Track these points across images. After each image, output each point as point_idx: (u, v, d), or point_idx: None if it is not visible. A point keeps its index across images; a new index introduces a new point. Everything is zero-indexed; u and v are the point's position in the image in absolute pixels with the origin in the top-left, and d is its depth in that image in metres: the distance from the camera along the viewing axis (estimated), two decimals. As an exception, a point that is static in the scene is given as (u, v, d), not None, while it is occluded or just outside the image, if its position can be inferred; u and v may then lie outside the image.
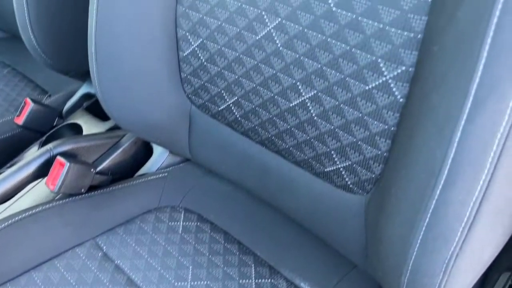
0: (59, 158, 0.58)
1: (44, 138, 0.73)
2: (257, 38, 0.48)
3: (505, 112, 0.28)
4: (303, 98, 0.47)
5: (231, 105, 0.55)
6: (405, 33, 0.36)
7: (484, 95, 0.28)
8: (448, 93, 0.31)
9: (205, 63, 0.54)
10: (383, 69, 0.39)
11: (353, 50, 0.40)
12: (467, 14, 0.29)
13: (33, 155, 0.61)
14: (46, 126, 0.74)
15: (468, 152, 0.29)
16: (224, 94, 0.55)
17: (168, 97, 0.58)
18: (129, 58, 0.55)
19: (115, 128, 0.71)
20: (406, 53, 0.37)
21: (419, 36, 0.36)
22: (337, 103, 0.44)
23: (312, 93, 0.46)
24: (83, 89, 0.78)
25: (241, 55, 0.50)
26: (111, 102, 0.58)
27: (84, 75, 0.76)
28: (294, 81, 0.47)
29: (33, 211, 0.58)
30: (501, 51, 0.27)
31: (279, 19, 0.45)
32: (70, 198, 0.60)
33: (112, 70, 0.56)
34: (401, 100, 0.39)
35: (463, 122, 0.29)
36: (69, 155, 0.62)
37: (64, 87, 0.82)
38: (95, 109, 0.75)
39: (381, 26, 0.38)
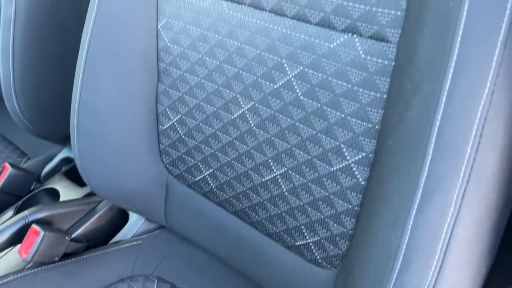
0: (34, 226, 0.59)
1: (20, 202, 0.73)
2: (232, 117, 0.51)
3: (451, 204, 0.31)
4: (274, 174, 0.49)
5: (207, 176, 0.57)
6: (364, 123, 0.40)
7: (432, 188, 0.31)
8: (401, 184, 0.34)
9: (183, 136, 0.57)
10: (346, 153, 0.42)
11: (318, 134, 0.44)
12: (415, 115, 0.33)
13: (8, 222, 0.61)
14: (23, 191, 0.74)
15: (420, 240, 0.32)
16: (200, 166, 0.57)
17: (146, 167, 0.60)
18: (110, 130, 0.57)
19: (92, 194, 0.72)
20: (366, 141, 0.40)
21: (376, 126, 0.40)
22: (305, 181, 0.47)
23: (283, 170, 0.48)
24: (63, 154, 0.80)
25: (217, 132, 0.53)
26: (90, 171, 0.59)
27: (64, 140, 0.78)
28: (266, 158, 0.50)
29: (3, 280, 0.57)
30: (445, 152, 0.31)
31: (253, 103, 0.49)
32: (43, 267, 0.60)
33: (92, 141, 0.58)
34: (362, 182, 0.42)
35: (414, 212, 0.32)
36: (44, 223, 0.62)
37: (44, 150, 0.83)
38: (73, 174, 0.76)
39: (343, 115, 0.41)
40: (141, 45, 0.54)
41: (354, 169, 0.42)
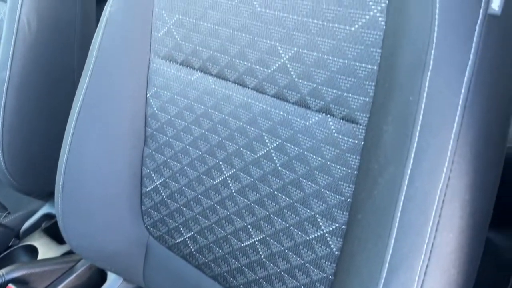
0: (10, 286, 0.58)
1: (-4, 259, 0.72)
2: (214, 182, 0.53)
3: (414, 280, 0.33)
4: (253, 240, 0.51)
5: (187, 239, 0.58)
6: (337, 196, 0.43)
7: (397, 264, 0.34)
8: (370, 258, 0.36)
9: (165, 199, 0.59)
10: (321, 223, 0.44)
11: (295, 204, 0.46)
12: (381, 194, 0.36)
13: (-17, 281, 0.60)
14: (1, 247, 0.74)
15: (387, 314, 0.34)
16: (181, 228, 0.58)
17: (127, 228, 0.61)
18: (94, 191, 0.59)
19: (71, 252, 0.72)
20: (339, 213, 0.43)
21: (348, 200, 0.42)
22: (282, 248, 0.48)
23: (261, 236, 0.50)
24: (44, 209, 0.80)
25: (199, 195, 0.55)
26: (71, 231, 0.60)
27: (47, 196, 0.79)
28: (245, 224, 0.51)
29: None
30: (408, 230, 0.33)
31: (234, 170, 0.51)
32: (15, 329, 0.59)
33: (76, 201, 0.59)
34: (336, 252, 0.44)
35: (381, 286, 0.34)
36: (21, 282, 0.61)
37: (25, 205, 0.83)
38: (53, 231, 0.76)
39: (318, 187, 0.44)
40: (130, 111, 0.57)
41: (328, 239, 0.44)
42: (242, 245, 0.52)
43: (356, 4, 0.38)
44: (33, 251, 0.74)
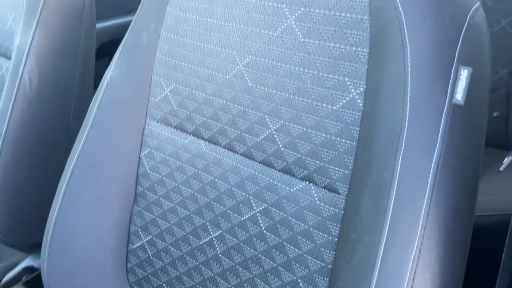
0: None
1: (-28, 314, 0.71)
2: (200, 243, 0.55)
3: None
4: (236, 302, 0.52)
5: (170, 298, 0.59)
6: (319, 262, 0.45)
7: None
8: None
9: (151, 257, 0.60)
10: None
11: (278, 268, 0.48)
12: (359, 262, 0.38)
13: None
14: (-22, 301, 0.72)
15: None
16: None
17: (111, 285, 0.62)
18: (81, 247, 0.60)
19: (51, 307, 0.71)
20: (320, 279, 0.45)
21: (329, 266, 0.44)
22: (266, 308, 0.49)
23: (244, 299, 0.51)
24: (26, 262, 0.79)
25: (185, 255, 0.57)
26: (54, 285, 0.60)
27: (30, 248, 0.78)
28: (229, 286, 0.53)
29: None
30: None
31: (220, 231, 0.53)
32: None
33: (62, 256, 0.59)
34: (320, 306, 0.45)
35: None
36: None
37: (7, 257, 0.82)
38: (35, 285, 0.75)
39: (300, 252, 0.46)
40: (123, 170, 0.60)
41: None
42: (225, 307, 0.53)
43: (337, 86, 0.43)
44: (11, 305, 0.72)
